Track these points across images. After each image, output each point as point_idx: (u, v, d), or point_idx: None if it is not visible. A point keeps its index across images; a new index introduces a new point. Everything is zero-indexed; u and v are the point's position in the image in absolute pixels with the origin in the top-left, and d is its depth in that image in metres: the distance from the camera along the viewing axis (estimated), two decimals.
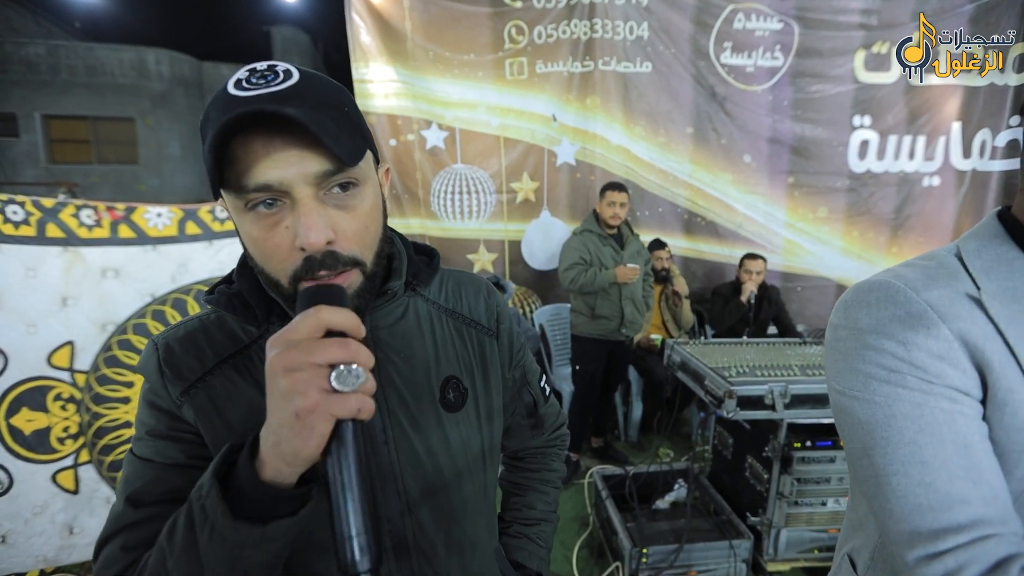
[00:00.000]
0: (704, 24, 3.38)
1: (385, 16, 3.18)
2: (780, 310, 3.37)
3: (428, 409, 0.63)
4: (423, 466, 0.62)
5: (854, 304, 0.60)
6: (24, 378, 2.00)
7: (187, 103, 12.54)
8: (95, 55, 11.70)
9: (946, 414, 0.52)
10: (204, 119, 0.50)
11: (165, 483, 0.54)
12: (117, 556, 0.52)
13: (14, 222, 1.93)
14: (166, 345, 0.58)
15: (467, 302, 0.71)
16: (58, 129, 11.75)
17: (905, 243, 3.69)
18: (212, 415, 0.56)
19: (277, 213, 0.50)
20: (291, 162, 0.48)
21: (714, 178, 3.61)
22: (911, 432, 0.52)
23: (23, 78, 11.30)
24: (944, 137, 3.55)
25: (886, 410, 0.54)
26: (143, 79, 11.91)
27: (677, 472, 2.39)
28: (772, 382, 1.84)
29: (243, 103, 0.46)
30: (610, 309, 2.81)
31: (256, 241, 0.51)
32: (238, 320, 0.60)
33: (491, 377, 0.70)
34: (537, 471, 0.85)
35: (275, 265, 0.52)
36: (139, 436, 0.58)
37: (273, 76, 0.49)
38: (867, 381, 0.56)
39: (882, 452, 0.54)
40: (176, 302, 2.23)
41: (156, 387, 0.57)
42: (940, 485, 0.50)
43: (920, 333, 0.53)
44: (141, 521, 0.52)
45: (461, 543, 0.66)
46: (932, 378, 0.52)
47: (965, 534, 0.49)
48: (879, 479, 0.55)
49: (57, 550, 2.11)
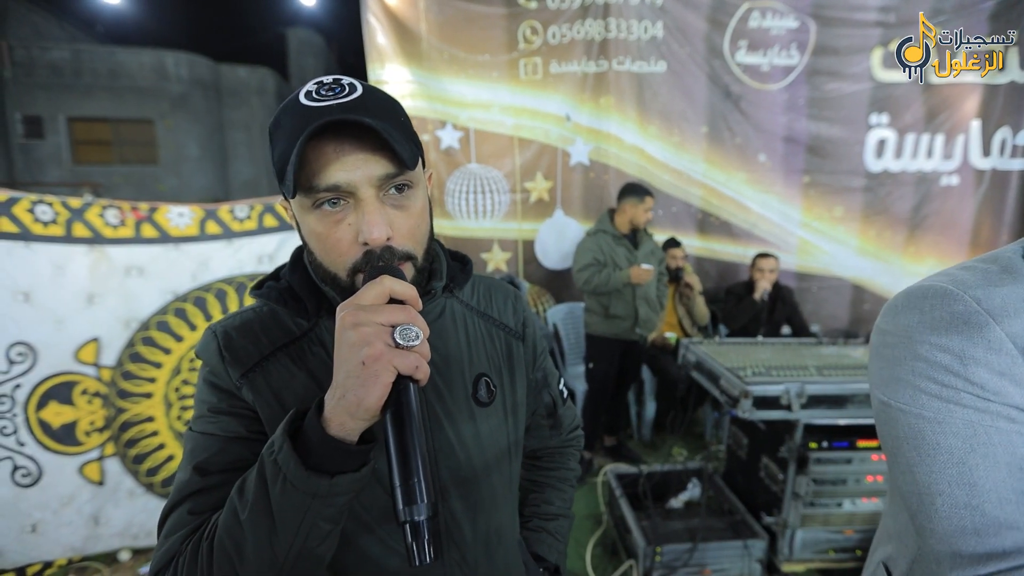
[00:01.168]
0: (719, 23, 3.37)
1: (401, 18, 3.22)
2: (794, 311, 3.34)
3: (461, 403, 0.67)
4: (456, 456, 0.65)
5: (905, 309, 0.56)
6: (52, 373, 2.06)
7: (204, 105, 12.74)
8: (116, 58, 11.94)
9: (1002, 434, 0.48)
10: (275, 125, 0.56)
11: (229, 454, 0.58)
12: (185, 520, 0.56)
13: (43, 221, 1.99)
14: (224, 332, 0.62)
15: (497, 306, 0.76)
16: (81, 131, 12.02)
17: (923, 243, 3.64)
18: (269, 397, 0.60)
19: (340, 211, 0.55)
20: (358, 165, 0.53)
21: (728, 177, 3.59)
22: (961, 452, 0.50)
23: (48, 81, 11.58)
24: (963, 136, 3.49)
25: (935, 427, 0.51)
26: (162, 81, 12.13)
27: (691, 471, 2.39)
28: (788, 382, 1.84)
29: (319, 113, 0.51)
30: (624, 309, 2.81)
31: (320, 236, 0.56)
32: (289, 313, 0.64)
33: (517, 377, 0.74)
34: (555, 469, 0.89)
35: (335, 259, 0.57)
36: (200, 414, 0.61)
37: (340, 89, 0.54)
38: (916, 394, 0.53)
39: (928, 470, 0.52)
40: (197, 300, 2.28)
41: (217, 369, 0.61)
42: (988, 509, 0.48)
43: (980, 346, 0.49)
44: (208, 488, 0.56)
45: (488, 531, 0.69)
46: (990, 395, 0.49)
47: (1009, 560, 0.47)
48: (922, 497, 0.52)
49: (84, 540, 2.17)
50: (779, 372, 1.94)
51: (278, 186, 0.57)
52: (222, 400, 0.60)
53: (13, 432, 2.01)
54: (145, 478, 2.27)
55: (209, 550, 0.51)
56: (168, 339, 2.25)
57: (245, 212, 2.35)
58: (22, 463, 2.03)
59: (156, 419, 2.26)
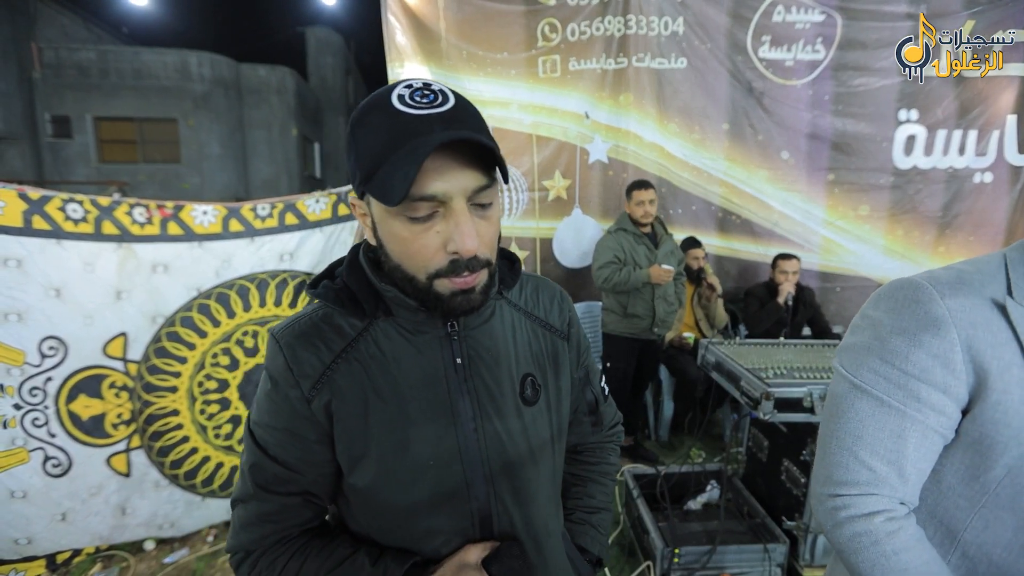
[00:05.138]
0: (741, 18, 3.30)
1: (420, 16, 3.22)
2: (815, 312, 3.28)
3: (509, 401, 0.69)
4: (505, 450, 0.68)
5: (884, 298, 0.68)
6: (82, 366, 2.11)
7: (226, 104, 12.96)
8: (141, 59, 12.21)
9: (897, 412, 0.64)
10: (360, 123, 0.57)
11: (290, 484, 0.65)
12: (252, 519, 0.66)
13: (74, 219, 2.04)
14: (288, 344, 0.64)
15: (543, 306, 0.77)
16: (107, 130, 12.32)
17: (953, 242, 3.53)
18: (336, 404, 0.63)
19: (429, 218, 0.56)
20: (455, 176, 0.54)
21: (750, 175, 3.53)
22: (864, 414, 0.66)
23: (76, 82, 11.88)
24: (998, 131, 3.37)
25: (857, 393, 0.67)
26: (185, 81, 12.36)
27: (710, 473, 2.36)
28: (811, 384, 1.80)
29: (422, 123, 0.53)
30: (643, 308, 2.79)
31: (404, 241, 0.57)
32: (344, 313, 0.66)
33: (562, 376, 0.76)
34: (596, 464, 0.90)
35: (417, 263, 0.58)
36: (260, 421, 0.66)
37: (433, 96, 0.55)
38: (859, 365, 0.67)
39: (836, 421, 0.69)
40: (220, 296, 2.32)
41: (286, 382, 0.63)
42: (862, 456, 0.65)
43: (929, 332, 0.62)
44: (269, 499, 0.66)
45: (534, 520, 0.72)
46: (918, 373, 0.62)
47: (858, 488, 0.65)
48: (825, 439, 0.70)
49: (111, 529, 2.23)
50: (801, 374, 1.90)
51: (353, 181, 0.60)
52: (281, 416, 0.64)
53: (44, 424, 2.07)
54: (169, 470, 2.32)
55: None
56: (192, 335, 2.29)
57: (267, 210, 2.38)
58: (53, 454, 2.09)
59: (181, 413, 2.31)
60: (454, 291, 0.59)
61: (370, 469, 0.63)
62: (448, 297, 0.60)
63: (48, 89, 11.75)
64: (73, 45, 12.26)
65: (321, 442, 0.64)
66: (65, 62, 11.79)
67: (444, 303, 0.60)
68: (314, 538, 0.68)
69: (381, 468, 0.63)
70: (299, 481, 0.65)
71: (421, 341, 0.65)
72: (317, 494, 0.67)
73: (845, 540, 0.65)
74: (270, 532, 0.66)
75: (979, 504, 0.62)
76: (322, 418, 0.63)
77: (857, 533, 0.64)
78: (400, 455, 0.63)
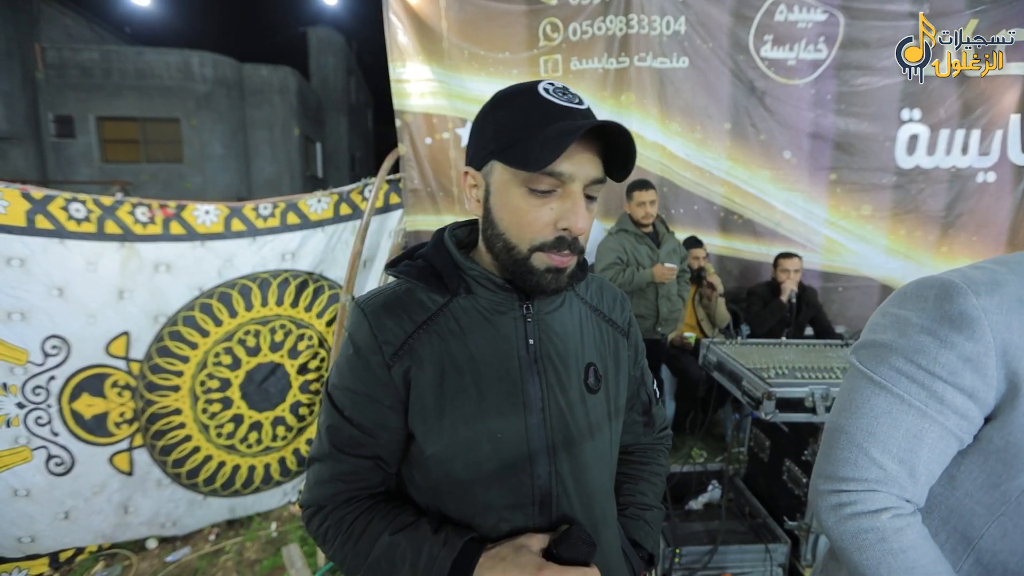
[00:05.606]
0: (744, 17, 3.29)
1: (421, 16, 3.22)
2: (818, 312, 3.27)
3: (575, 385, 0.73)
4: (568, 429, 0.72)
5: (912, 297, 0.64)
6: (85, 365, 2.12)
7: (228, 104, 12.98)
8: (144, 59, 12.23)
9: (916, 412, 0.61)
10: (505, 100, 0.64)
11: (363, 447, 0.70)
12: (326, 477, 0.72)
13: (77, 219, 2.04)
14: (373, 312, 0.70)
15: (607, 303, 0.83)
16: (110, 130, 12.35)
17: (956, 242, 3.52)
18: (415, 371, 0.68)
19: (547, 194, 0.62)
20: (583, 163, 0.61)
21: (752, 175, 3.52)
22: (880, 411, 0.63)
23: (79, 82, 11.92)
24: (1001, 131, 3.35)
25: (875, 389, 0.64)
26: (188, 81, 12.39)
27: (711, 473, 2.36)
28: (813, 384, 1.80)
29: (569, 112, 0.61)
30: (646, 307, 2.78)
31: (519, 211, 0.63)
32: (427, 290, 0.71)
33: (621, 370, 0.81)
34: (647, 464, 0.93)
35: (524, 233, 0.64)
36: (339, 384, 0.71)
37: (572, 96, 0.63)
38: (880, 362, 0.64)
39: (848, 416, 0.66)
40: (222, 295, 2.33)
41: (368, 348, 0.68)
42: (873, 453, 0.63)
43: (962, 334, 0.58)
44: (345, 459, 0.71)
45: (593, 505, 0.74)
46: (945, 375, 0.59)
47: (865, 485, 0.63)
48: (832, 433, 0.67)
49: (114, 527, 2.24)
50: (803, 374, 1.90)
51: (479, 153, 0.66)
52: (361, 381, 0.69)
53: (47, 422, 2.08)
54: (172, 469, 2.32)
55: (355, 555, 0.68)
56: (194, 334, 2.30)
57: (269, 210, 2.38)
58: (56, 452, 2.10)
59: (183, 412, 2.32)
60: (549, 266, 0.65)
61: (441, 437, 0.67)
62: (541, 272, 0.65)
63: (51, 89, 11.79)
64: (76, 45, 12.29)
65: (395, 408, 0.69)
66: (68, 62, 11.83)
67: (535, 277, 0.65)
68: (380, 502, 0.72)
69: (452, 437, 0.67)
70: (372, 444, 0.70)
71: (498, 320, 0.70)
72: (386, 459, 0.72)
73: (849, 537, 0.63)
74: (341, 491, 0.71)
75: (998, 512, 0.60)
76: (399, 384, 0.67)
77: (862, 529, 0.62)
78: (470, 425, 0.67)
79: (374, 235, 2.75)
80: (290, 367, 2.51)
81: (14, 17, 11.04)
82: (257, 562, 2.28)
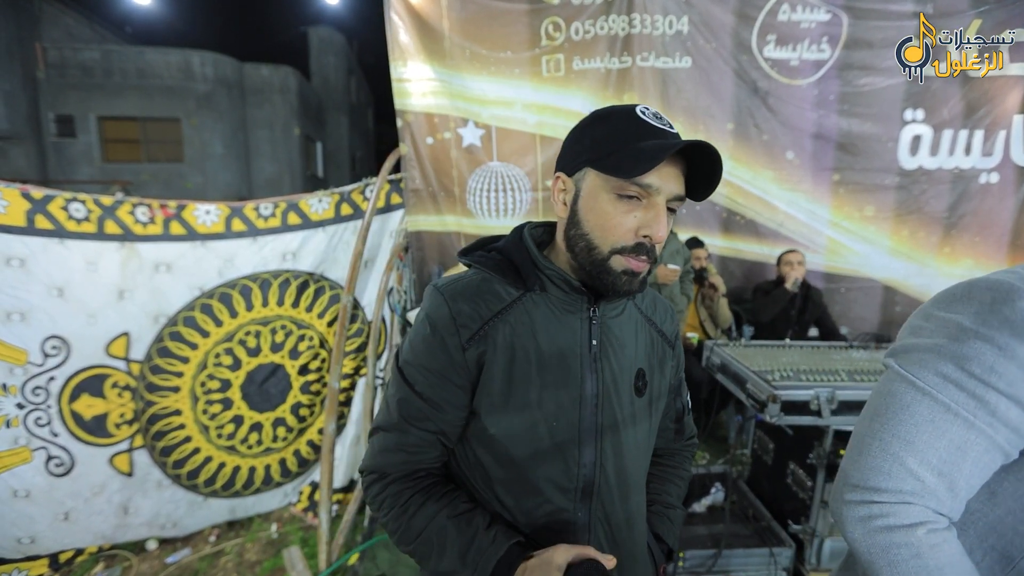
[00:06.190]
0: (747, 17, 3.28)
1: (423, 15, 3.21)
2: (823, 312, 3.26)
3: (626, 387, 0.79)
4: (616, 426, 0.78)
5: (962, 299, 0.60)
6: (85, 366, 2.11)
7: (229, 103, 12.97)
8: (145, 58, 12.22)
9: (963, 422, 0.56)
10: (605, 117, 0.71)
11: (429, 421, 0.75)
12: (391, 446, 0.77)
13: (77, 219, 2.03)
14: (452, 296, 0.74)
15: (659, 315, 0.88)
16: (111, 130, 12.34)
17: (959, 243, 3.50)
18: (488, 355, 0.73)
19: (633, 201, 0.68)
20: (669, 179, 0.67)
21: (754, 175, 3.51)
22: (921, 419, 0.59)
23: (79, 81, 11.91)
24: (1004, 132, 3.34)
25: (918, 395, 0.59)
26: (188, 81, 12.38)
27: (714, 475, 2.34)
28: (818, 387, 1.78)
29: (661, 133, 0.67)
30: None
31: (605, 214, 0.69)
32: (503, 281, 0.76)
33: (664, 378, 0.87)
34: (674, 467, 0.99)
35: (607, 236, 0.69)
36: (412, 361, 0.76)
37: (665, 120, 0.69)
38: (924, 368, 0.60)
39: (883, 422, 0.61)
40: (223, 296, 2.32)
41: (446, 330, 0.73)
42: (910, 463, 0.58)
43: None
44: (410, 431, 0.76)
45: (627, 485, 0.81)
46: (1003, 386, 0.54)
47: (899, 496, 0.58)
48: (864, 439, 0.63)
49: (114, 528, 2.23)
50: (808, 376, 1.89)
51: (573, 161, 0.72)
52: (437, 360, 0.74)
53: (47, 423, 2.07)
54: (172, 470, 2.31)
55: (407, 528, 0.74)
56: (194, 334, 2.29)
57: (269, 210, 2.37)
58: (56, 453, 2.09)
59: (183, 412, 2.31)
60: (626, 269, 0.70)
61: (504, 418, 0.73)
62: (618, 273, 0.70)
63: (52, 89, 11.78)
64: (77, 45, 12.28)
65: (464, 388, 0.74)
66: (69, 62, 11.82)
67: (612, 277, 0.70)
68: (438, 483, 0.78)
69: (515, 418, 0.73)
70: (438, 419, 0.75)
71: (566, 319, 0.76)
72: (448, 435, 0.77)
73: (878, 551, 0.59)
74: (403, 461, 0.76)
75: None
76: (472, 366, 0.73)
77: (895, 544, 0.58)
78: (531, 411, 0.73)
79: (375, 235, 2.73)
80: (291, 368, 2.50)
81: (15, 16, 11.03)
82: (257, 563, 2.27)
